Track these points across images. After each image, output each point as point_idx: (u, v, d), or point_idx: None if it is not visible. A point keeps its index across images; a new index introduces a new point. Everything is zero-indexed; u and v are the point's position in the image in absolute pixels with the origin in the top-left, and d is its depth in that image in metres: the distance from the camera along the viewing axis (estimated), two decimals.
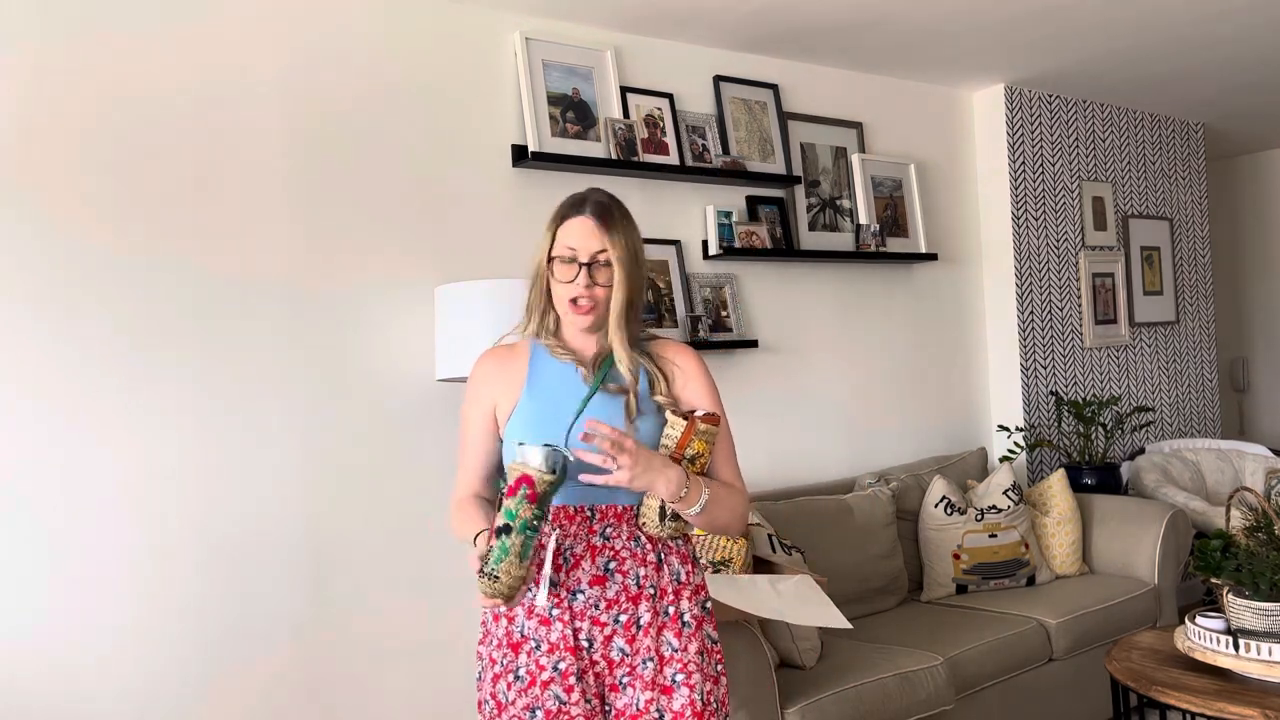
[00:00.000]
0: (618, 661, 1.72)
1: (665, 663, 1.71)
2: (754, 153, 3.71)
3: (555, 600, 1.70)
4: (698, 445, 1.72)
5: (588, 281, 1.73)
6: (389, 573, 2.91)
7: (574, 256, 1.74)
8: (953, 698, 2.85)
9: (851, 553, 3.38)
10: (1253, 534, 2.45)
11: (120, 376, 2.54)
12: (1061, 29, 3.72)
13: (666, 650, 1.72)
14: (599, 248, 1.73)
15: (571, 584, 1.71)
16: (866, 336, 4.07)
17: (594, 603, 1.71)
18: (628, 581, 1.72)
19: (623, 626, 1.71)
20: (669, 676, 1.71)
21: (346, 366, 2.87)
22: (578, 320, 1.76)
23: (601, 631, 1.71)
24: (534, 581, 1.66)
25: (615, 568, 1.72)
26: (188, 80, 2.67)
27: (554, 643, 1.70)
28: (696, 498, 1.67)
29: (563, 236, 1.76)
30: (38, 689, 2.40)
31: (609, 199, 1.80)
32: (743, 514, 1.80)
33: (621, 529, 1.74)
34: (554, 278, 1.76)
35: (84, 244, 2.51)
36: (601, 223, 1.75)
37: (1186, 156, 5.23)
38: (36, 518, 2.43)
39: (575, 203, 1.78)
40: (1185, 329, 5.18)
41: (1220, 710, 2.27)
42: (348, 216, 2.90)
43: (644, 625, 1.71)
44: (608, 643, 1.71)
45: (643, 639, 1.71)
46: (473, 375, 1.87)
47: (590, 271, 1.73)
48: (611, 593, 1.71)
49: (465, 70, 3.13)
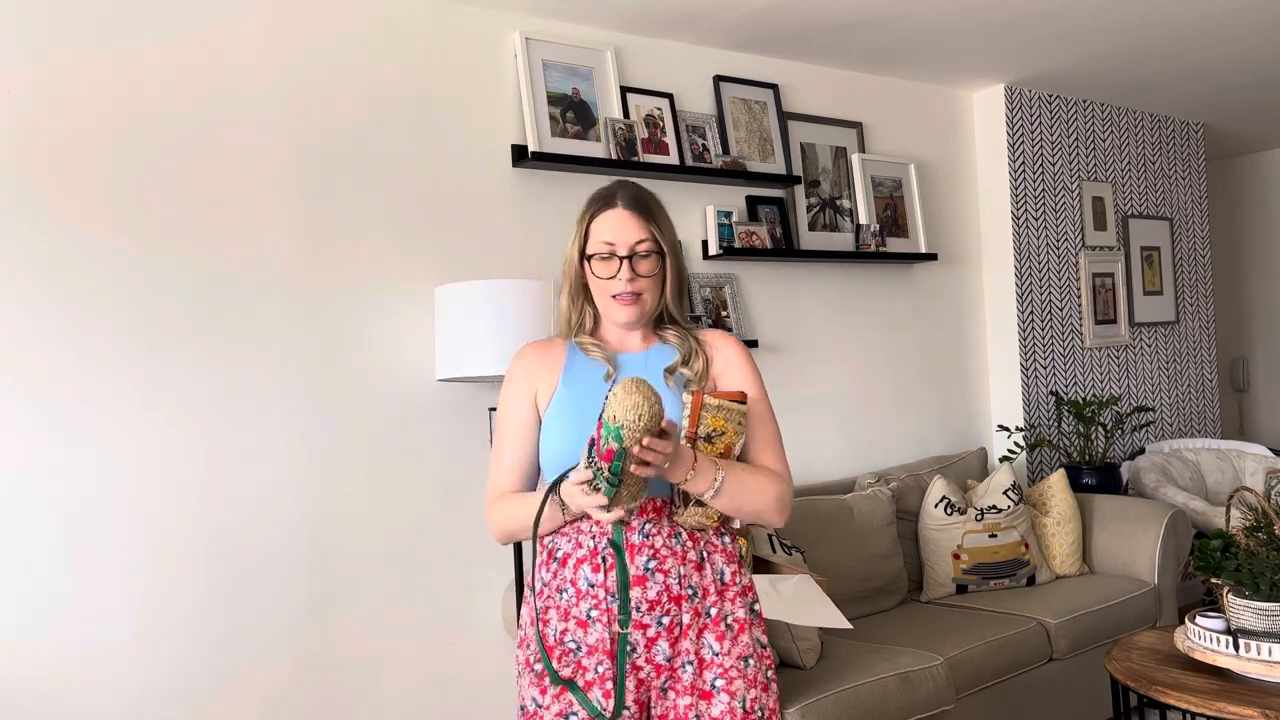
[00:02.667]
0: (662, 666, 1.65)
1: (705, 666, 1.65)
2: (754, 153, 3.70)
3: (595, 601, 1.63)
4: (713, 422, 1.62)
5: (630, 274, 1.68)
6: (389, 572, 2.91)
7: (613, 251, 1.69)
8: (953, 698, 2.85)
9: (851, 553, 3.38)
10: (1253, 534, 2.45)
11: (121, 377, 2.54)
12: (1061, 29, 3.72)
13: (707, 654, 1.65)
14: (638, 238, 1.70)
15: (611, 585, 1.63)
16: (866, 336, 4.07)
17: (635, 604, 1.63)
18: (669, 581, 1.64)
19: (665, 629, 1.64)
20: (708, 681, 1.64)
21: (347, 366, 2.87)
22: (622, 314, 1.71)
23: (644, 634, 1.63)
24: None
25: (655, 567, 1.64)
26: (190, 81, 2.67)
27: (592, 645, 1.64)
28: (709, 479, 1.58)
29: (597, 232, 1.71)
30: (39, 689, 2.40)
31: (640, 189, 1.76)
32: (778, 501, 1.69)
33: (661, 524, 1.66)
34: (592, 275, 1.71)
35: (86, 245, 2.51)
36: (639, 213, 1.71)
37: (1186, 156, 5.23)
38: (37, 518, 2.43)
39: (605, 196, 1.74)
40: (1185, 329, 5.18)
41: (1220, 710, 2.26)
42: (348, 216, 2.90)
43: (685, 626, 1.65)
44: (651, 646, 1.64)
45: (682, 641, 1.65)
46: (512, 367, 1.80)
47: (632, 264, 1.69)
48: (653, 593, 1.63)
49: (465, 70, 3.13)
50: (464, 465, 3.02)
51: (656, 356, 1.76)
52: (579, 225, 1.74)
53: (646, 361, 1.75)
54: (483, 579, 3.04)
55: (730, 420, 1.64)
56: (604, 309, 1.74)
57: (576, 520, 1.67)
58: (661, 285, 1.74)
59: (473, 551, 3.02)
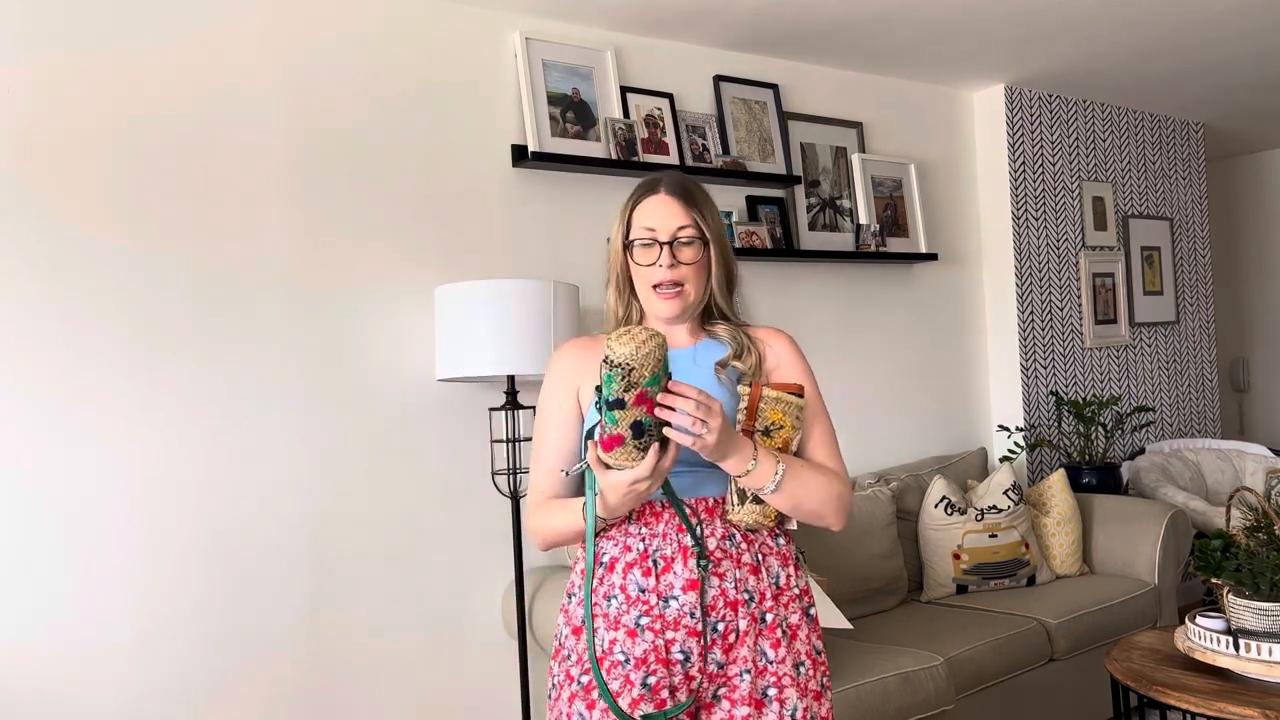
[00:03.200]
0: (714, 675, 1.57)
1: (760, 674, 1.57)
2: (754, 153, 3.70)
3: (646, 608, 1.55)
4: (771, 415, 1.55)
5: (670, 260, 1.62)
6: (389, 572, 2.91)
7: (654, 237, 1.63)
8: (953, 698, 2.85)
9: (851, 553, 3.38)
10: (1253, 534, 2.45)
11: (121, 377, 2.54)
12: (1061, 29, 3.72)
13: (762, 661, 1.57)
14: (680, 224, 1.63)
15: (663, 590, 1.55)
16: (866, 336, 4.07)
17: (689, 611, 1.55)
18: (725, 585, 1.56)
19: (720, 636, 1.56)
20: (761, 689, 1.56)
21: (347, 366, 2.87)
22: (664, 307, 1.64)
23: (698, 642, 1.55)
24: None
25: (710, 570, 1.57)
26: (190, 81, 2.67)
27: (640, 657, 1.54)
28: (769, 473, 1.51)
29: (639, 219, 1.65)
30: (39, 689, 2.40)
31: (686, 177, 1.71)
32: (839, 500, 1.61)
33: (714, 526, 1.59)
34: (634, 263, 1.65)
35: (86, 245, 2.51)
36: (681, 199, 1.65)
37: (1186, 156, 5.23)
38: (37, 518, 2.43)
39: (648, 184, 1.68)
40: (1185, 329, 5.18)
41: (1220, 710, 2.26)
42: (348, 216, 2.90)
43: (741, 633, 1.57)
44: (704, 654, 1.56)
45: (739, 649, 1.57)
46: (553, 365, 1.72)
47: (672, 250, 1.62)
48: (708, 598, 1.56)
49: (465, 70, 3.13)
50: (464, 465, 3.02)
51: (705, 352, 1.69)
52: (622, 214, 1.68)
53: (695, 357, 1.68)
54: (483, 579, 3.04)
55: (788, 414, 1.57)
56: (646, 302, 1.67)
57: (621, 521, 1.59)
58: (706, 276, 1.67)
59: (473, 551, 3.02)
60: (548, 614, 2.81)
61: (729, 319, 1.72)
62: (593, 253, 3.29)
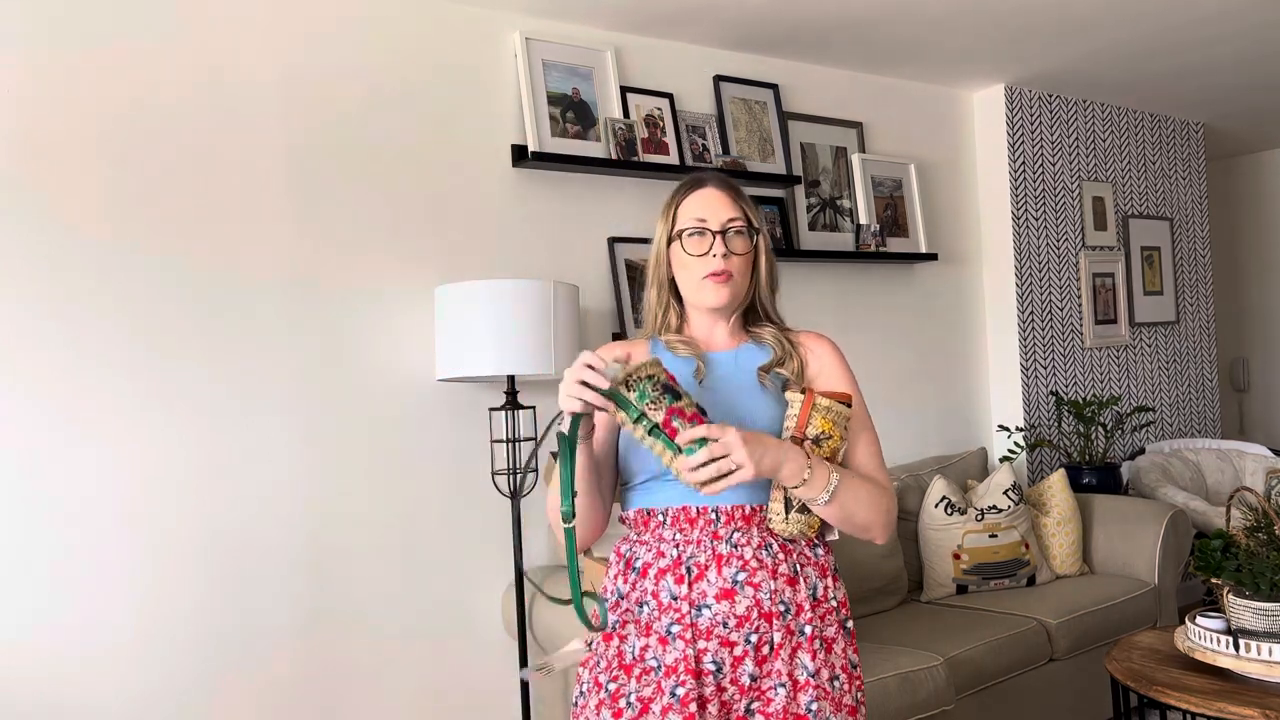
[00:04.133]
0: (747, 688, 1.52)
1: (800, 689, 1.52)
2: (754, 152, 3.70)
3: (678, 615, 1.52)
4: (822, 424, 1.53)
5: (724, 250, 1.60)
6: (389, 572, 2.91)
7: (705, 227, 1.62)
8: (953, 698, 2.85)
9: (851, 553, 3.38)
10: (1253, 534, 2.45)
11: (121, 377, 2.54)
12: (1061, 28, 3.72)
13: (801, 674, 1.52)
14: (730, 215, 1.63)
15: (696, 598, 1.51)
16: (866, 336, 4.07)
17: (722, 620, 1.50)
18: (760, 595, 1.52)
19: (754, 648, 1.52)
20: (803, 705, 1.51)
21: (347, 366, 2.87)
22: (713, 294, 1.61)
23: (730, 653, 1.51)
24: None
25: (745, 580, 1.52)
26: (189, 80, 2.67)
27: (671, 665, 1.50)
28: (823, 482, 1.49)
29: (688, 211, 1.64)
30: (39, 689, 2.40)
31: (726, 176, 1.72)
32: (888, 514, 1.59)
33: (751, 534, 1.54)
34: (685, 252, 1.63)
35: (86, 245, 2.51)
36: (730, 192, 1.66)
37: (1186, 156, 5.23)
38: (37, 518, 2.43)
39: (694, 181, 1.68)
40: (1185, 329, 5.18)
41: (1220, 710, 2.26)
42: (348, 216, 2.90)
43: (776, 645, 1.52)
44: (737, 665, 1.51)
45: (774, 661, 1.52)
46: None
47: (725, 240, 1.61)
48: (742, 608, 1.51)
49: (465, 70, 3.13)
50: (464, 465, 3.02)
51: (746, 356, 1.67)
52: (667, 211, 1.67)
53: (736, 360, 1.66)
54: (483, 579, 3.04)
55: (838, 424, 1.55)
56: (694, 294, 1.64)
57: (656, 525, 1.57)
58: (752, 272, 1.67)
59: (473, 551, 3.02)
60: (548, 614, 2.81)
61: (772, 320, 1.71)
62: (593, 253, 3.29)
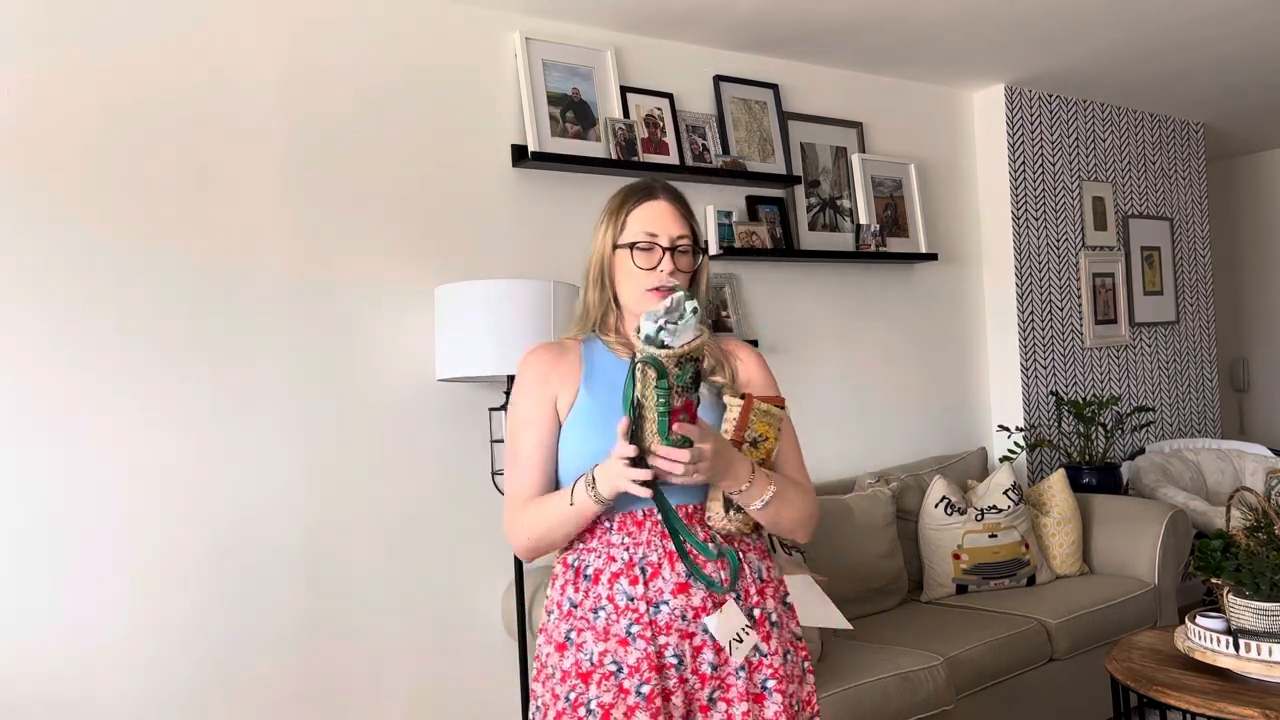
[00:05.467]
0: (708, 677, 1.57)
1: (755, 669, 1.59)
2: (754, 153, 3.70)
3: (636, 616, 1.55)
4: (760, 427, 1.59)
5: (671, 267, 1.64)
6: (389, 572, 2.91)
7: (654, 242, 1.64)
8: (953, 698, 2.85)
9: (851, 553, 3.38)
10: (1253, 534, 2.45)
11: (121, 378, 2.54)
12: (1062, 29, 3.72)
13: (755, 655, 1.60)
14: (680, 232, 1.66)
15: (653, 596, 1.56)
16: (866, 336, 4.07)
17: (680, 613, 1.56)
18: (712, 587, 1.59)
19: (712, 636, 1.58)
20: (759, 683, 1.59)
21: (347, 367, 2.87)
22: None
23: (690, 644, 1.56)
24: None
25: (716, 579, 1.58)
26: (188, 80, 2.67)
27: (634, 665, 1.54)
28: (761, 491, 1.56)
29: (637, 223, 1.66)
30: (39, 689, 2.40)
31: (674, 186, 1.73)
32: (812, 518, 1.68)
33: (696, 530, 1.60)
34: (633, 264, 1.64)
35: (86, 245, 2.51)
36: (681, 208, 1.69)
37: (1186, 156, 5.23)
38: (36, 518, 2.43)
39: (644, 189, 1.69)
40: (1185, 329, 5.18)
41: (1220, 710, 2.26)
42: (348, 217, 2.90)
43: None
44: (697, 655, 1.57)
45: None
46: (527, 370, 1.70)
47: (673, 257, 1.64)
48: (697, 600, 1.57)
49: (465, 70, 3.13)
50: (464, 465, 3.02)
51: None
52: (614, 216, 1.68)
53: None
54: (483, 579, 3.04)
55: (773, 426, 1.60)
56: (636, 304, 1.65)
57: (609, 509, 1.58)
58: (691, 286, 1.70)
59: (473, 552, 3.02)
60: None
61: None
62: None
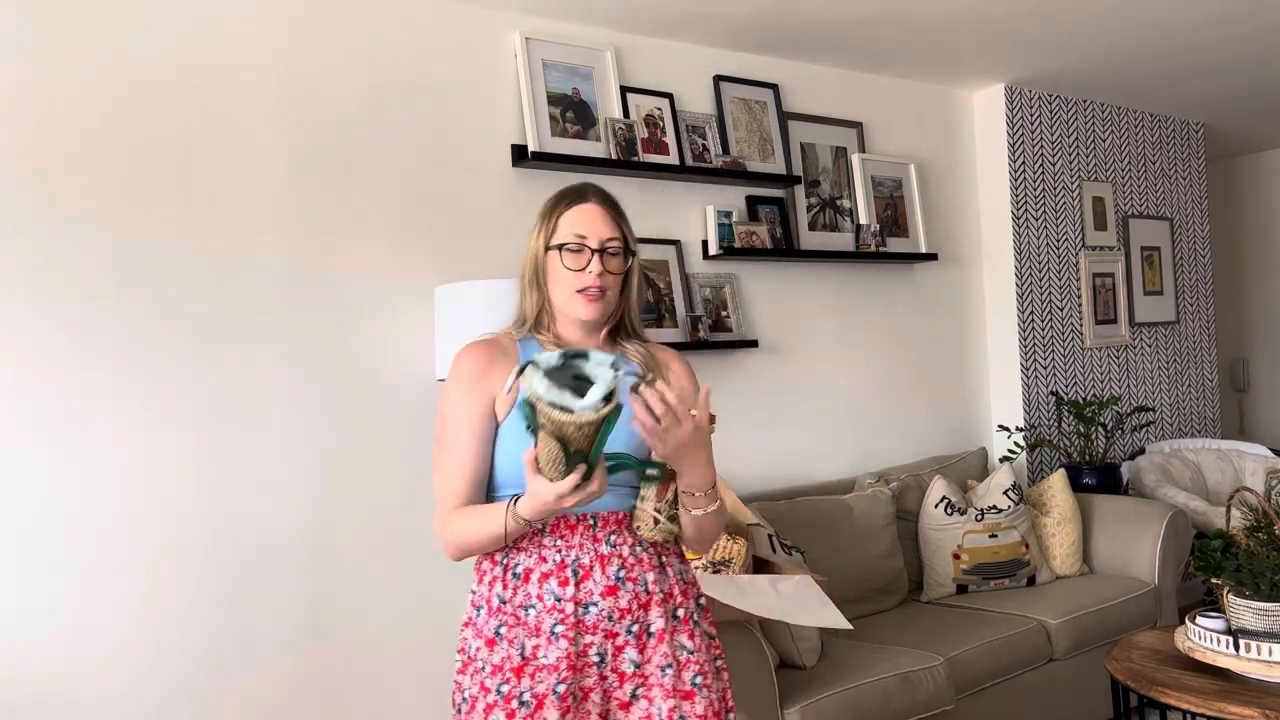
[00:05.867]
0: (629, 675, 1.63)
1: (683, 667, 1.65)
2: (754, 153, 3.70)
3: (561, 615, 1.60)
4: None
5: (600, 269, 1.67)
6: (389, 571, 2.91)
7: (583, 244, 1.67)
8: (953, 698, 2.85)
9: (851, 553, 3.38)
10: (1253, 534, 2.45)
11: (121, 378, 2.54)
12: (1062, 29, 3.72)
13: (682, 654, 1.66)
14: (610, 235, 1.69)
15: (583, 597, 1.61)
16: (866, 336, 4.07)
17: (607, 614, 1.61)
18: (638, 589, 1.64)
19: (635, 636, 1.63)
20: (688, 681, 1.65)
21: (347, 366, 2.87)
22: (586, 309, 1.68)
23: (613, 643, 1.62)
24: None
25: (625, 575, 1.64)
26: (188, 81, 2.67)
27: (553, 664, 1.59)
28: (706, 503, 1.63)
29: (567, 225, 1.69)
30: (39, 689, 2.40)
31: (607, 190, 1.76)
32: (721, 534, 1.76)
33: (625, 535, 1.66)
34: (563, 266, 1.68)
35: (86, 245, 2.51)
36: (611, 211, 1.71)
37: (1186, 156, 5.23)
38: (37, 518, 2.43)
39: (575, 192, 1.73)
40: (1185, 329, 5.18)
41: (1220, 710, 2.26)
42: (348, 217, 2.90)
43: (656, 632, 1.64)
44: (619, 654, 1.63)
45: (658, 645, 1.64)
46: (462, 366, 1.69)
47: (602, 259, 1.67)
48: (624, 602, 1.62)
49: (465, 70, 3.13)
50: None
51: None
52: (546, 219, 1.72)
53: None
54: None
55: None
56: (566, 305, 1.69)
57: (535, 534, 1.62)
58: (623, 289, 1.74)
59: None
60: None
61: (638, 335, 1.78)
62: None
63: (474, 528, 1.60)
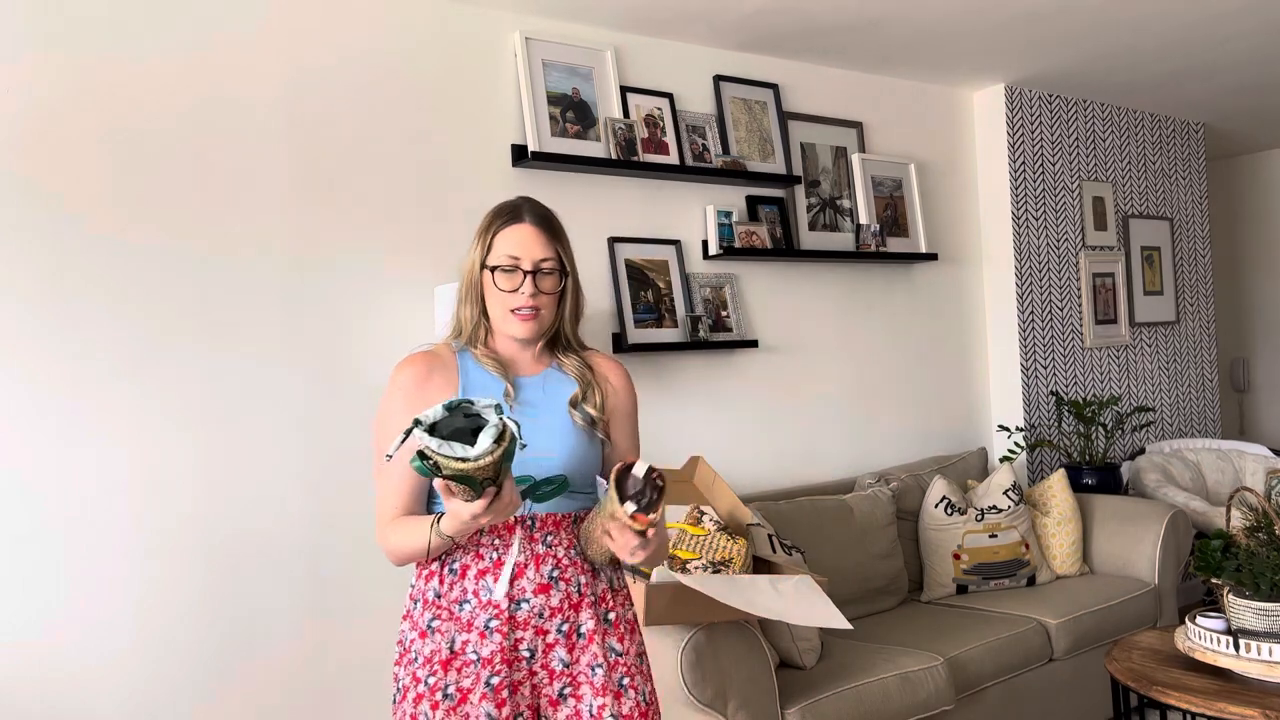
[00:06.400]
0: (558, 673, 1.68)
1: (612, 667, 1.70)
2: (754, 152, 3.70)
3: (496, 611, 1.64)
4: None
5: (533, 290, 1.70)
6: (389, 570, 2.91)
7: (517, 265, 1.70)
8: (953, 698, 2.85)
9: (851, 553, 3.38)
10: (1253, 534, 2.45)
11: (121, 378, 2.54)
12: (1062, 29, 3.72)
13: (612, 656, 1.71)
14: (543, 255, 1.71)
15: (515, 593, 1.65)
16: (866, 336, 4.07)
17: (538, 611, 1.66)
18: (570, 589, 1.69)
19: (565, 636, 1.68)
20: (616, 681, 1.69)
21: (347, 365, 2.87)
22: (520, 328, 1.71)
23: (544, 640, 1.67)
24: (492, 576, 1.65)
25: (558, 575, 1.68)
26: (188, 80, 2.67)
27: (487, 657, 1.63)
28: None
29: (501, 245, 1.72)
30: (39, 690, 2.40)
31: (546, 208, 1.78)
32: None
33: (561, 536, 1.70)
34: (495, 285, 1.71)
35: (86, 245, 2.51)
36: (545, 230, 1.73)
37: (1186, 156, 5.23)
38: (36, 518, 2.43)
39: (510, 210, 1.75)
40: (1185, 329, 5.18)
41: (1220, 710, 2.26)
42: (348, 216, 2.90)
43: (587, 633, 1.69)
44: (549, 652, 1.67)
45: (589, 646, 1.69)
46: (400, 378, 1.75)
47: (535, 280, 1.70)
48: (556, 601, 1.67)
49: (465, 70, 3.13)
50: None
51: (554, 382, 1.77)
52: (482, 236, 1.74)
53: (544, 386, 1.76)
54: None
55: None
56: (501, 322, 1.73)
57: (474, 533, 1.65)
58: (559, 305, 1.76)
59: None
60: None
61: (574, 348, 1.81)
62: (593, 252, 3.29)
63: (406, 540, 1.66)
